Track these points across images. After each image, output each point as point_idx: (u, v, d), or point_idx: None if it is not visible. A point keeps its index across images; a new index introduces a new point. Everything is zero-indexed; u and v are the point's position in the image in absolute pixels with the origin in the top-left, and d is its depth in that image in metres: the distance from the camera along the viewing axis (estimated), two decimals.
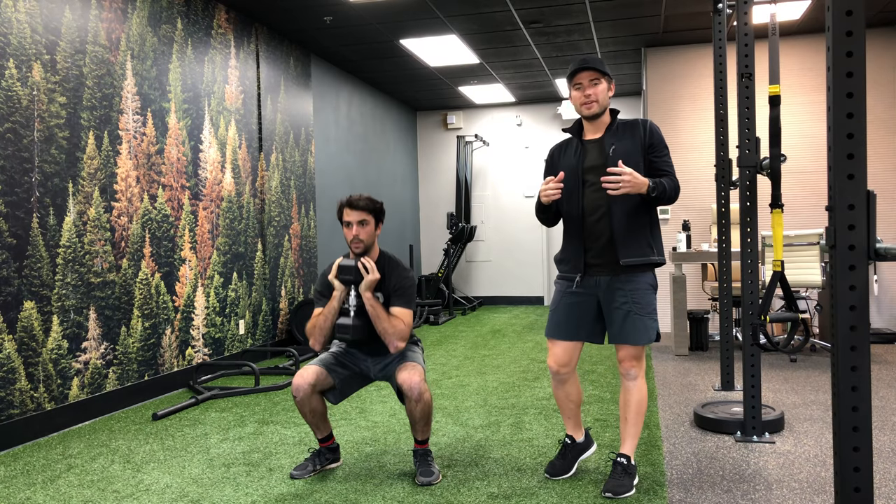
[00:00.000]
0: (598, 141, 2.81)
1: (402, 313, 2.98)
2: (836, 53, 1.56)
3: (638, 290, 2.75)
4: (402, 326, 2.94)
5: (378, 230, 3.05)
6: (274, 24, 6.12)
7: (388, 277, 3.05)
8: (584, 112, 2.77)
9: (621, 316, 2.75)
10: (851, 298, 1.59)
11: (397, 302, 3.01)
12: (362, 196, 2.99)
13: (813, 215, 6.66)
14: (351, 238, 2.98)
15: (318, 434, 3.13)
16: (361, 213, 2.97)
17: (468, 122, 10.12)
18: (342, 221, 3.01)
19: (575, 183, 2.80)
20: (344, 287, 2.98)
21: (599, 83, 2.74)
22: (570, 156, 2.84)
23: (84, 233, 4.07)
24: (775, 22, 3.15)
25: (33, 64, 3.76)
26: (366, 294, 2.94)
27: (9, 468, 3.28)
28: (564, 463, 2.97)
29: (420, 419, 2.96)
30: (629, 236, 2.73)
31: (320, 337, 3.00)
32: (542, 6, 5.74)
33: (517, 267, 9.98)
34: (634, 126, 2.79)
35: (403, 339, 2.94)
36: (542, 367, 5.37)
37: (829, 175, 1.59)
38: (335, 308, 2.98)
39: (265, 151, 6.06)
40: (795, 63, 6.76)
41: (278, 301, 6.23)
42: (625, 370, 2.81)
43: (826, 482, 2.85)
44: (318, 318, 3.01)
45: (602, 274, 2.79)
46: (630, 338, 2.75)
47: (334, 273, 2.99)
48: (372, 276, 2.94)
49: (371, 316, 2.94)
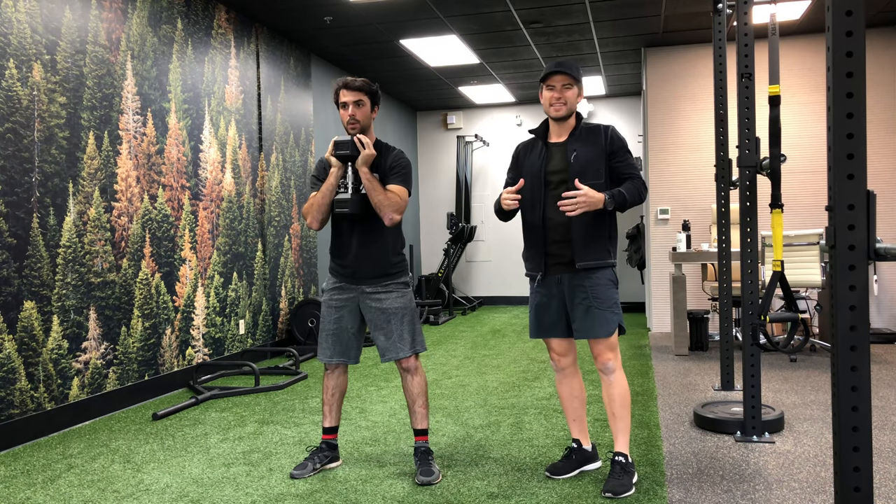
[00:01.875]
0: (561, 145, 2.90)
1: (397, 189, 2.98)
2: (836, 53, 1.56)
3: (598, 285, 2.82)
4: (398, 199, 2.95)
5: (374, 113, 3.04)
6: (274, 24, 6.12)
7: (384, 157, 3.04)
8: (553, 113, 2.86)
9: (582, 311, 2.83)
10: (851, 298, 1.59)
11: (393, 180, 3.00)
12: (357, 78, 2.99)
13: (813, 215, 6.66)
14: (347, 119, 2.97)
15: (326, 421, 3.14)
16: (357, 94, 2.97)
17: (468, 122, 10.13)
18: (338, 104, 3.00)
19: (537, 185, 2.88)
20: (341, 164, 2.97)
21: (571, 88, 2.84)
22: (535, 158, 2.93)
23: (84, 233, 4.08)
24: (775, 22, 3.15)
25: (33, 64, 3.76)
26: (362, 169, 2.93)
27: (9, 468, 3.28)
28: (567, 465, 2.98)
29: (418, 395, 3.03)
30: (587, 241, 2.82)
31: (318, 214, 2.98)
32: (542, 6, 5.74)
33: (517, 267, 9.98)
34: (597, 132, 2.88)
35: (399, 211, 2.94)
36: (542, 366, 5.37)
37: (829, 175, 1.59)
38: (333, 184, 2.97)
39: (265, 151, 6.06)
40: (795, 63, 6.76)
41: (278, 301, 6.23)
42: (601, 364, 2.85)
43: (826, 482, 2.85)
44: (315, 197, 2.99)
45: (563, 272, 2.87)
46: (591, 331, 2.81)
47: (330, 150, 2.97)
48: (369, 151, 2.93)
49: (367, 189, 2.93)
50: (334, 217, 3.04)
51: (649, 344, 6.31)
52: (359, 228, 3.02)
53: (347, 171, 2.99)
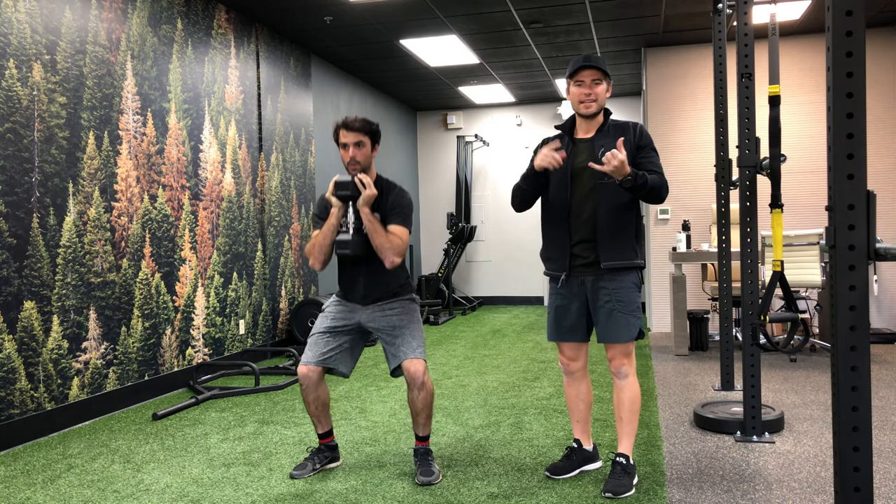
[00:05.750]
0: (589, 141, 2.80)
1: (399, 230, 2.97)
2: (836, 53, 1.56)
3: (621, 288, 2.76)
4: (399, 242, 2.94)
5: (374, 152, 3.03)
6: (274, 24, 6.12)
7: (385, 197, 3.03)
8: (583, 111, 2.77)
9: (605, 314, 2.77)
10: (851, 298, 1.59)
11: (394, 220, 2.99)
12: (358, 117, 2.97)
13: (813, 215, 6.66)
14: (348, 160, 2.96)
15: (319, 428, 3.13)
16: (357, 135, 2.95)
17: (468, 122, 10.12)
18: (338, 143, 2.99)
19: (563, 181, 2.80)
20: (341, 204, 2.96)
21: (601, 83, 2.74)
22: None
23: (84, 233, 4.08)
24: (775, 22, 3.15)
25: (33, 64, 3.76)
26: (363, 209, 2.92)
27: (9, 468, 3.28)
28: (567, 464, 2.97)
29: (422, 409, 2.96)
30: (613, 240, 2.74)
31: (320, 255, 2.99)
32: (542, 6, 5.74)
33: (517, 267, 9.98)
34: (625, 129, 2.79)
35: (400, 254, 2.94)
36: (542, 367, 5.37)
37: (829, 175, 1.59)
38: (334, 225, 2.97)
39: (265, 151, 6.06)
40: (795, 63, 6.75)
41: (278, 301, 6.23)
42: (615, 368, 2.82)
43: (826, 482, 2.85)
44: (317, 237, 2.99)
45: (587, 273, 2.80)
46: (613, 336, 2.76)
47: (331, 190, 2.96)
48: (369, 191, 2.91)
49: (368, 231, 2.92)
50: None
51: (649, 344, 6.30)
52: (364, 264, 3.04)
53: (348, 211, 3.00)
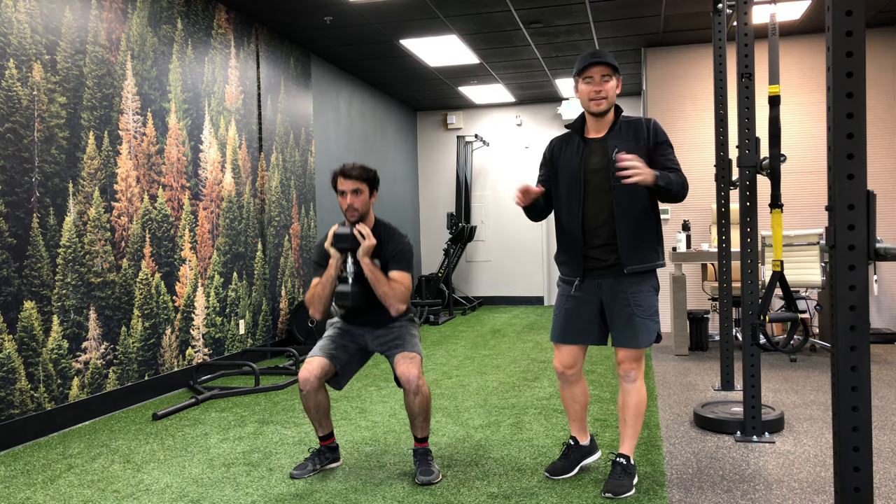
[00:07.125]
0: (601, 141, 2.73)
1: (401, 277, 2.98)
2: (836, 53, 1.56)
3: (641, 292, 2.71)
4: (402, 289, 2.95)
5: (373, 199, 3.04)
6: (274, 24, 6.12)
7: (384, 244, 3.04)
8: (593, 108, 2.69)
9: (624, 318, 2.72)
10: (851, 298, 1.59)
11: (396, 266, 3.00)
12: (356, 165, 2.98)
13: (813, 215, 6.66)
14: (346, 207, 2.97)
15: (319, 431, 3.13)
16: (355, 182, 2.96)
17: (468, 122, 10.12)
18: (336, 190, 3.01)
19: (575, 184, 2.73)
20: (340, 255, 2.97)
21: (610, 79, 2.68)
22: (572, 154, 2.76)
23: (84, 233, 4.08)
24: (775, 22, 3.15)
25: (33, 64, 3.76)
26: (364, 260, 2.93)
27: (9, 468, 3.28)
28: (566, 464, 2.97)
29: (419, 413, 2.96)
30: (635, 243, 2.68)
31: (320, 306, 3.00)
32: (542, 6, 5.74)
33: (517, 267, 9.98)
34: (638, 126, 2.72)
35: (404, 301, 2.95)
36: (542, 367, 5.37)
37: (829, 175, 1.59)
38: (333, 276, 2.98)
39: (265, 151, 6.06)
40: (795, 63, 6.75)
41: (278, 301, 6.23)
42: (624, 372, 2.78)
43: (826, 482, 2.85)
44: (316, 288, 3.01)
45: (604, 277, 2.74)
46: (632, 341, 2.71)
47: (330, 241, 2.97)
48: (369, 242, 2.92)
49: (371, 281, 2.93)
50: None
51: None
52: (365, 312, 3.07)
53: (348, 260, 3.00)
